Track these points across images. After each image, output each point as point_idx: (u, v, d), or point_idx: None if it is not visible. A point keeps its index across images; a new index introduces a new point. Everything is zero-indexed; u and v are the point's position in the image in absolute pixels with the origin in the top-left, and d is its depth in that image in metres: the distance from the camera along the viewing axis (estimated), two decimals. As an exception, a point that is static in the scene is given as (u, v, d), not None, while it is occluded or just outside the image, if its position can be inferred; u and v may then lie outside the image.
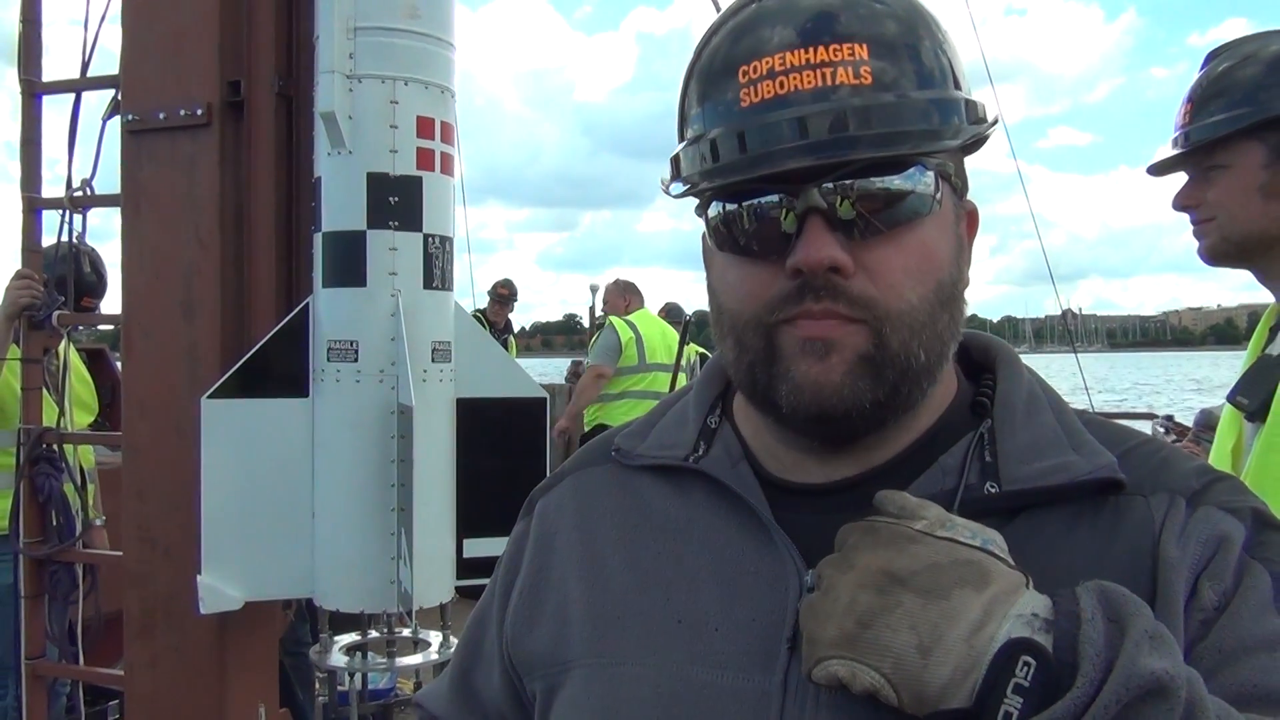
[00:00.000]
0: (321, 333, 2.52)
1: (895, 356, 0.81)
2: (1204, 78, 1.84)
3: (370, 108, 2.45)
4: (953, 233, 0.87)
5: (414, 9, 2.46)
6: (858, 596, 0.72)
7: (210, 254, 2.69)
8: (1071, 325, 13.12)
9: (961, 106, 0.84)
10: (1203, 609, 0.78)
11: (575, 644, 0.94)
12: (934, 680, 0.69)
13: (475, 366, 2.67)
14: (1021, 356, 0.97)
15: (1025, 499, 0.83)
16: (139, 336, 2.77)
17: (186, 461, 2.56)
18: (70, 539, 3.14)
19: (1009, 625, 0.69)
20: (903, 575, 0.72)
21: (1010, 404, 0.89)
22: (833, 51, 0.80)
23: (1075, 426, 0.88)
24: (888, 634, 0.70)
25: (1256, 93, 1.74)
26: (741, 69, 0.82)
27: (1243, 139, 1.74)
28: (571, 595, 0.97)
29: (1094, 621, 0.68)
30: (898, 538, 0.74)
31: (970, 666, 0.68)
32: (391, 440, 2.44)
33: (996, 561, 0.73)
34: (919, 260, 0.82)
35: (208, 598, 2.45)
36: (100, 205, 3.09)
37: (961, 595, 0.70)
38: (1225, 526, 0.81)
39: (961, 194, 0.89)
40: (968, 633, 0.69)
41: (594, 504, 1.01)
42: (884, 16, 0.82)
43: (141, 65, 2.76)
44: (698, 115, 0.87)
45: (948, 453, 0.87)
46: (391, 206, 2.45)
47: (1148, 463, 0.86)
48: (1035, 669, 0.67)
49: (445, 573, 2.62)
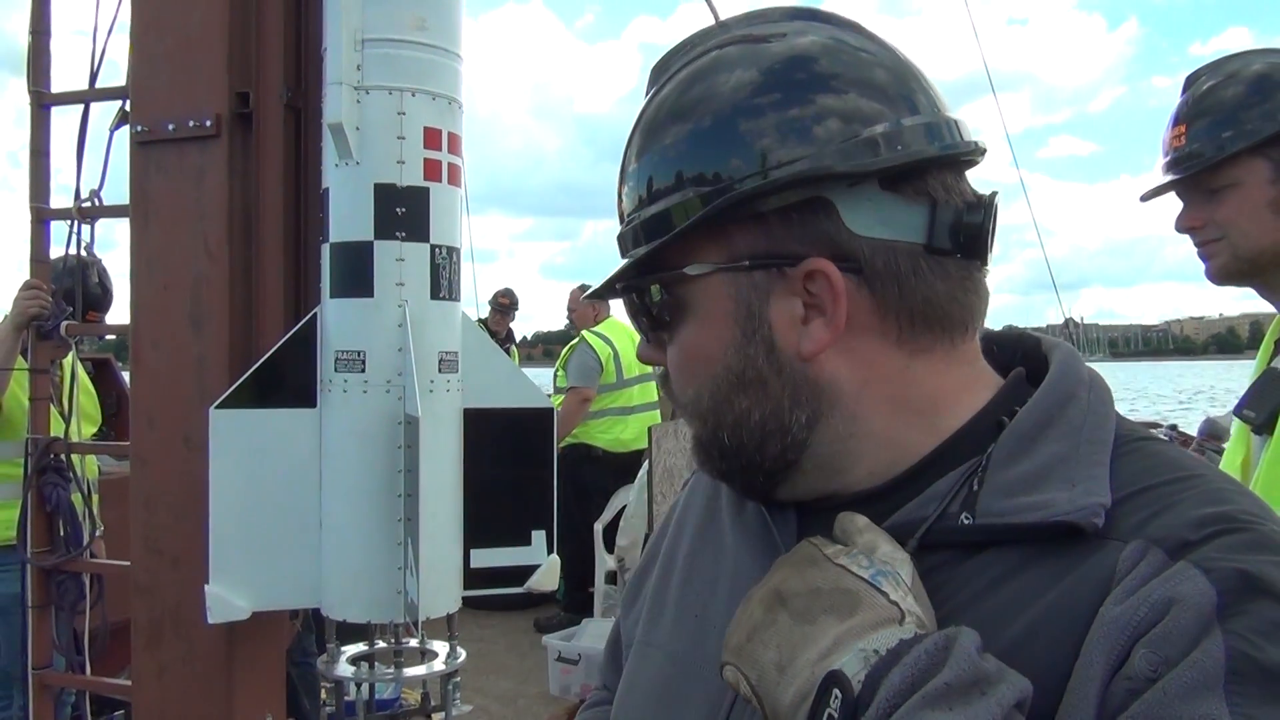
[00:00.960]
0: (329, 343, 2.52)
1: (708, 442, 0.91)
2: (1190, 97, 1.85)
3: (378, 119, 2.45)
4: (731, 321, 0.86)
5: (422, 21, 2.47)
6: (754, 610, 0.78)
7: (218, 265, 2.70)
8: (1074, 334, 13.11)
9: (661, 216, 0.88)
10: (1131, 677, 0.68)
11: (639, 624, 1.06)
12: (783, 699, 0.73)
13: (482, 377, 2.68)
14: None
15: (994, 534, 0.80)
16: (147, 347, 2.78)
17: (194, 472, 2.56)
18: (78, 549, 3.15)
19: (848, 657, 0.71)
20: (786, 596, 0.76)
21: (1020, 430, 0.84)
22: (628, 173, 0.92)
23: (1091, 455, 0.81)
24: (760, 648, 0.75)
25: (1246, 110, 1.76)
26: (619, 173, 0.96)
27: (1248, 156, 1.75)
28: (653, 579, 1.09)
29: (909, 665, 0.68)
30: (803, 560, 0.79)
31: (808, 691, 0.71)
32: (399, 450, 2.44)
33: (875, 594, 0.73)
34: (687, 359, 0.91)
35: (215, 607, 2.46)
36: (108, 216, 3.10)
37: (825, 621, 0.73)
38: (1185, 589, 0.69)
39: (775, 265, 0.84)
40: (815, 659, 0.72)
41: (695, 498, 1.11)
42: (671, 119, 0.90)
43: (150, 77, 2.77)
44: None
45: (944, 478, 0.84)
46: (399, 217, 2.46)
47: (1155, 504, 0.77)
48: (841, 703, 0.69)
49: (452, 583, 2.62)
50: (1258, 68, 1.80)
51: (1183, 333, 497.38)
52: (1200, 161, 1.79)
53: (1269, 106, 1.74)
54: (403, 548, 2.44)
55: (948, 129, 0.86)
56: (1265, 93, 1.75)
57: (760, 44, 0.88)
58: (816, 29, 0.88)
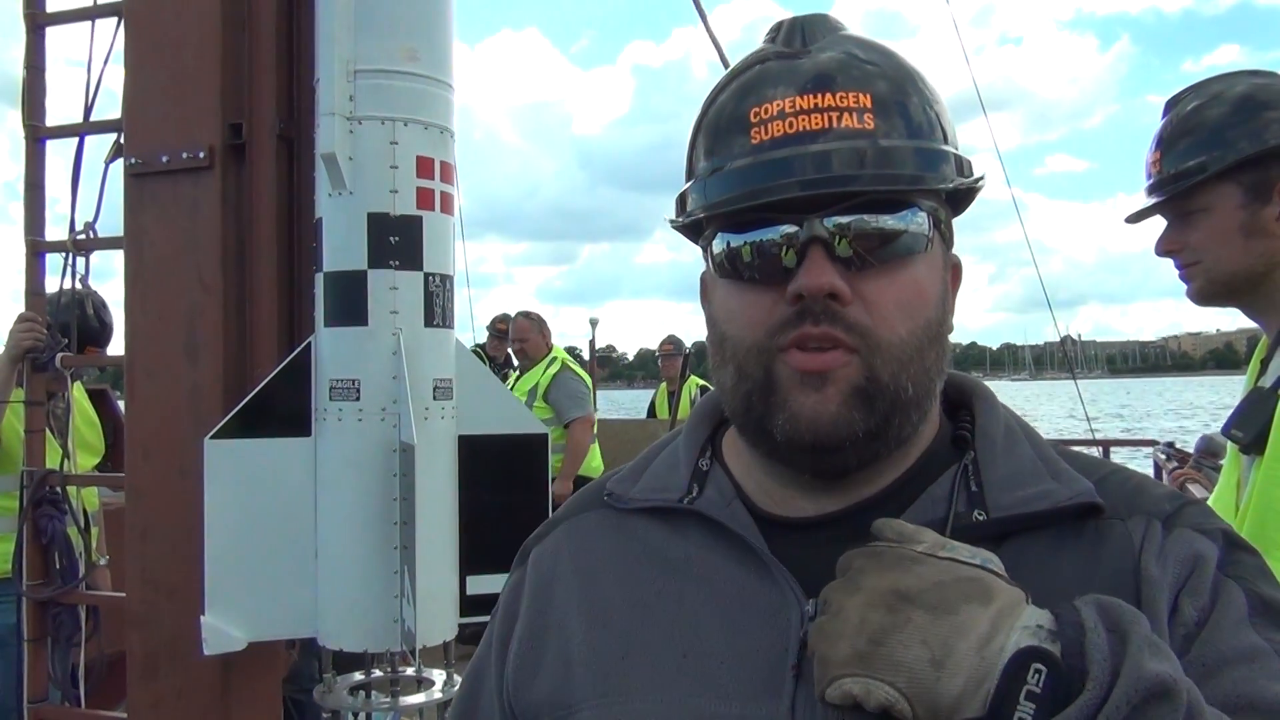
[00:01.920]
0: (323, 372, 2.53)
1: (886, 388, 0.85)
2: (1170, 120, 1.87)
3: (371, 149, 2.47)
4: (941, 276, 0.92)
5: (413, 52, 2.49)
6: (868, 616, 0.75)
7: (213, 295, 2.71)
8: (1071, 352, 13.16)
9: (951, 159, 0.89)
10: (1184, 624, 0.81)
11: (580, 685, 0.94)
12: (948, 692, 0.72)
13: (476, 403, 2.68)
14: (1022, 383, 1.00)
15: (1011, 525, 0.87)
16: (142, 378, 2.78)
17: (189, 502, 2.56)
18: (73, 581, 3.14)
19: (1017, 636, 0.72)
20: (911, 593, 0.75)
21: (990, 437, 0.94)
22: (839, 98, 0.86)
23: (1051, 456, 0.93)
24: (900, 650, 0.73)
25: (1223, 133, 1.77)
26: (753, 110, 0.88)
27: (1218, 181, 1.77)
28: (574, 638, 0.97)
29: (1097, 630, 0.71)
30: (902, 559, 0.78)
31: (983, 677, 0.71)
32: (394, 478, 2.45)
33: (997, 578, 0.77)
34: (910, 295, 0.87)
35: (211, 638, 2.45)
36: (103, 248, 3.11)
37: (969, 610, 0.73)
38: (1200, 546, 0.85)
39: (949, 245, 0.94)
40: (978, 645, 0.72)
41: (591, 548, 1.03)
42: (876, 76, 0.88)
43: (144, 109, 2.79)
44: (709, 149, 0.93)
45: (935, 483, 0.91)
46: (392, 246, 2.47)
47: (1122, 489, 0.90)
48: (1046, 676, 0.70)
49: (448, 610, 2.61)
50: (1241, 89, 1.81)
51: (1180, 349, 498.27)
52: (1174, 187, 1.80)
53: (1248, 128, 1.75)
54: (399, 576, 2.43)
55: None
56: (1245, 115, 1.77)
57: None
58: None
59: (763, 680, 0.85)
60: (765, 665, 0.86)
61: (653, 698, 0.90)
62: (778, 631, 0.87)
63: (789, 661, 0.85)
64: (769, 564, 0.89)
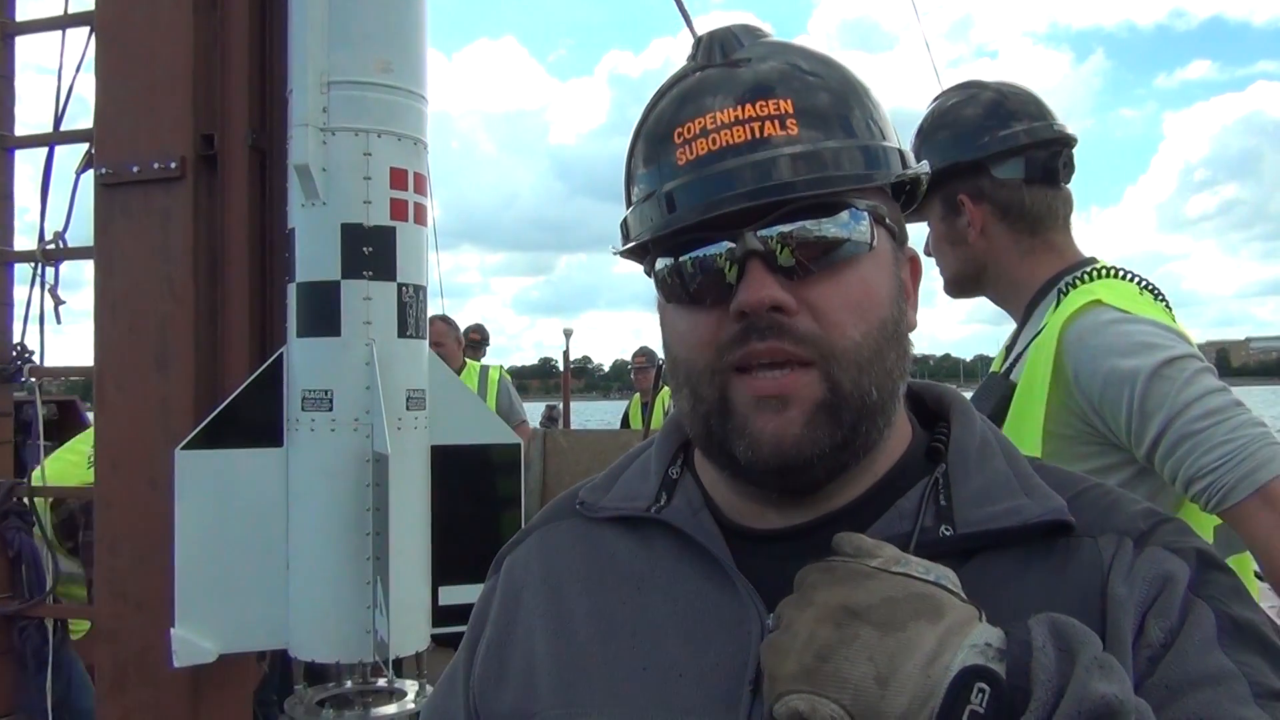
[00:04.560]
0: (296, 382, 2.52)
1: (849, 396, 0.84)
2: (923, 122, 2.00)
3: (344, 160, 2.48)
4: (891, 274, 0.90)
5: (386, 64, 2.50)
6: (816, 631, 0.74)
7: (184, 306, 2.70)
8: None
9: (887, 154, 0.89)
10: (1150, 645, 0.79)
11: (542, 696, 0.94)
12: (892, 710, 0.70)
13: (449, 414, 2.69)
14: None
15: (978, 541, 0.85)
16: (111, 389, 2.76)
17: (160, 514, 2.54)
18: (41, 594, 3.10)
19: (963, 655, 0.70)
20: (859, 609, 0.73)
21: (964, 450, 0.92)
22: (759, 107, 0.85)
23: (1026, 471, 0.91)
24: (846, 666, 0.71)
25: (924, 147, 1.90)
26: (677, 131, 0.87)
27: (927, 198, 1.87)
28: (538, 648, 0.97)
29: (1045, 649, 0.70)
30: (854, 574, 0.76)
31: (927, 695, 0.69)
32: (367, 489, 2.44)
33: (950, 595, 0.75)
34: (859, 296, 0.85)
35: (181, 650, 2.43)
36: (73, 258, 3.09)
37: (917, 627, 0.72)
38: (1170, 566, 0.82)
39: (901, 241, 0.93)
40: (924, 663, 0.70)
41: (559, 557, 1.03)
42: (816, 87, 0.88)
43: (115, 119, 2.78)
44: (642, 176, 0.92)
45: (904, 497, 0.89)
46: (365, 257, 2.48)
47: (1097, 505, 0.88)
48: (990, 695, 0.69)
49: (421, 621, 2.61)
50: (928, 112, 1.97)
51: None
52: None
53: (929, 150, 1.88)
54: (371, 586, 2.43)
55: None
56: (918, 137, 1.93)
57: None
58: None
59: (721, 695, 0.85)
60: (725, 680, 0.85)
61: (611, 711, 0.89)
62: (738, 645, 0.86)
63: (747, 677, 0.84)
64: (732, 576, 0.89)
